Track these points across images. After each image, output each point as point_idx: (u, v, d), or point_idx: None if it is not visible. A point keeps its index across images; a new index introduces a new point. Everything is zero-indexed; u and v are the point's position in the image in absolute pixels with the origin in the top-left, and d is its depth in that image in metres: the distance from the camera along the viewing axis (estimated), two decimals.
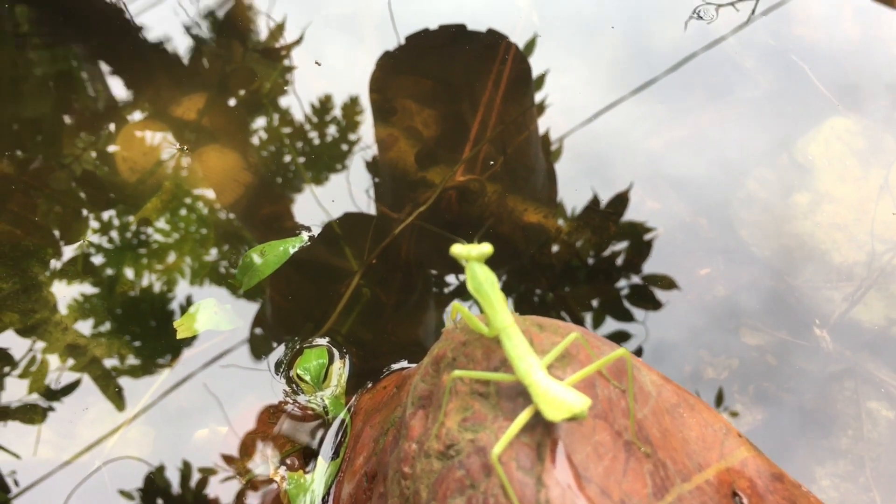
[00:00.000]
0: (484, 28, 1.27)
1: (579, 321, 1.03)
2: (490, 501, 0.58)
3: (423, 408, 0.69)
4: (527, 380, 0.59)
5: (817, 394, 1.00)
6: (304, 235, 0.98)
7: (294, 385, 0.90)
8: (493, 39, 1.27)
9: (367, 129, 1.20)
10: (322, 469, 0.81)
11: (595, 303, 1.08)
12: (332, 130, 1.22)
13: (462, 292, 1.07)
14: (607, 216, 1.12)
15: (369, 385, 0.88)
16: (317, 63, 1.26)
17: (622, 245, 1.10)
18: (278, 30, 1.29)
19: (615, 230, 1.11)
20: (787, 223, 1.12)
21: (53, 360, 1.00)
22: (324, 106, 1.25)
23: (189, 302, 1.01)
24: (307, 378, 0.85)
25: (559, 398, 0.57)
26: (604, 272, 1.10)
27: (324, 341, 0.93)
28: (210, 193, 1.16)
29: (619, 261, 1.10)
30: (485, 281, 0.63)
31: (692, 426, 0.65)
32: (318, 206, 1.15)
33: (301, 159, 1.18)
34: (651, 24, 1.29)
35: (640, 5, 1.31)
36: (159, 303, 1.04)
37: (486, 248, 0.64)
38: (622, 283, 1.08)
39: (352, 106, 1.24)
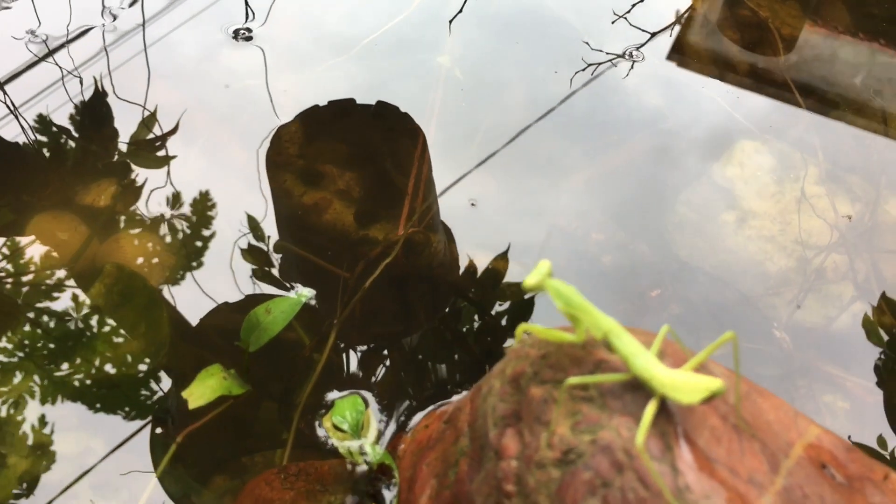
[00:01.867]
0: (373, 101, 1.30)
1: None
2: (630, 496, 0.59)
3: (511, 426, 0.69)
4: (647, 374, 0.61)
5: (781, 393, 1.07)
6: (306, 291, 0.96)
7: (322, 440, 0.87)
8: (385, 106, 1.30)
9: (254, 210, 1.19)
10: None
11: None
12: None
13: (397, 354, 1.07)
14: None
15: (415, 423, 0.87)
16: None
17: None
18: (151, 119, 1.26)
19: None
20: (720, 241, 1.21)
21: None
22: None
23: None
24: (344, 427, 0.83)
25: (690, 382, 0.59)
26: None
27: (337, 394, 0.91)
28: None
29: None
30: (571, 294, 0.65)
31: (768, 410, 0.69)
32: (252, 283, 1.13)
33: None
34: (579, 69, 1.36)
35: (560, 55, 1.38)
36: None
37: (546, 263, 0.66)
38: None
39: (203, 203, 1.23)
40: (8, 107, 1.26)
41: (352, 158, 1.26)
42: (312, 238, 1.18)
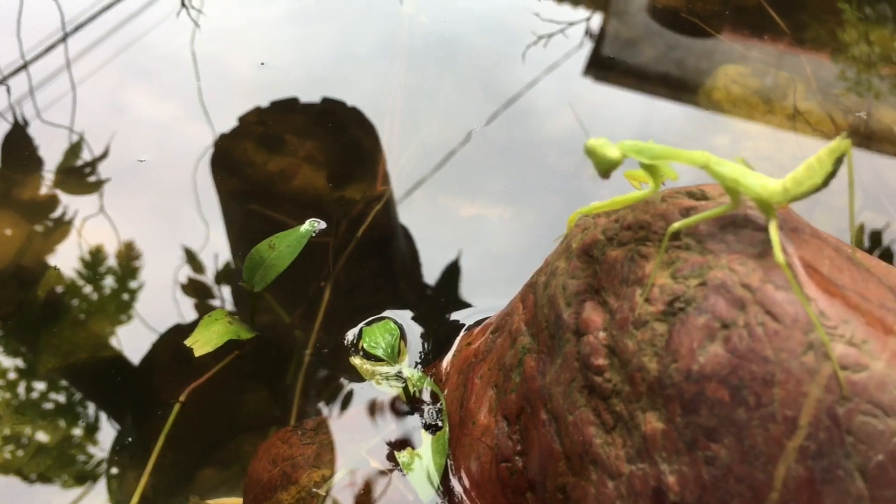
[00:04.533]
0: (318, 97, 1.22)
1: None
2: (758, 332, 0.51)
3: (589, 299, 0.60)
4: (764, 190, 0.54)
5: None
6: (315, 224, 0.86)
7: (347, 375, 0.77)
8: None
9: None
10: (429, 441, 0.68)
11: None
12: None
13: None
14: None
15: (456, 345, 0.78)
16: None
17: None
18: (78, 146, 1.15)
19: None
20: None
21: None
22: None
23: None
24: (378, 352, 0.73)
25: (809, 168, 0.52)
26: None
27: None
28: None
29: None
30: (652, 145, 0.57)
31: (862, 259, 0.63)
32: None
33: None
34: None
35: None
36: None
37: (601, 138, 0.58)
38: None
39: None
40: None
41: (311, 127, 1.17)
42: (285, 206, 1.09)
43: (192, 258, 1.01)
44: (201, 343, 0.72)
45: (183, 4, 1.30)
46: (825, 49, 1.26)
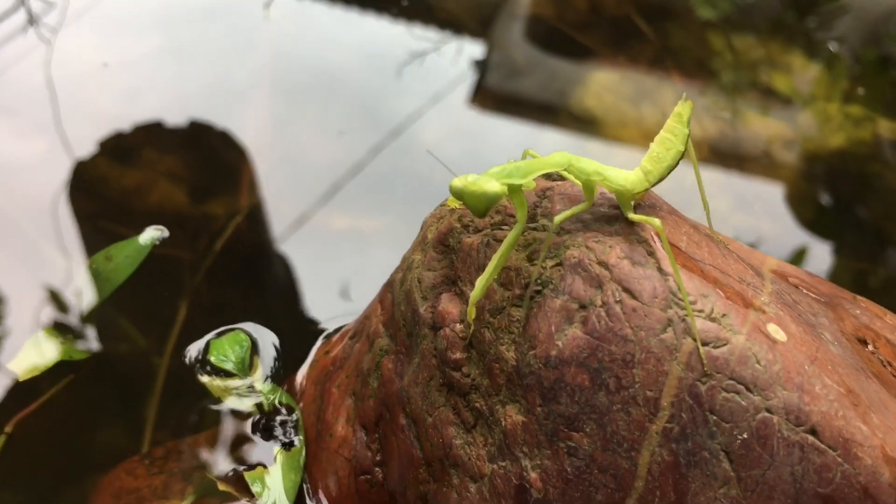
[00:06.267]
0: (185, 121, 1.16)
1: None
2: (616, 309, 0.48)
3: (446, 291, 0.57)
4: (625, 180, 0.51)
5: None
6: (157, 232, 0.79)
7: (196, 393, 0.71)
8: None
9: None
10: (283, 458, 0.63)
11: None
12: None
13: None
14: None
15: (312, 355, 0.72)
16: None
17: None
18: None
19: None
20: None
21: None
22: None
23: None
24: (228, 366, 0.67)
25: (662, 144, 0.49)
26: None
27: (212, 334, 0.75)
28: None
29: None
30: (519, 164, 0.53)
31: (726, 241, 0.61)
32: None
33: None
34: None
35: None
36: None
37: (471, 175, 0.54)
38: None
39: None
40: None
41: (172, 144, 1.11)
42: (140, 222, 1.01)
43: (55, 297, 0.93)
44: (27, 366, 0.65)
45: (30, 23, 1.22)
46: (691, 57, 1.27)
